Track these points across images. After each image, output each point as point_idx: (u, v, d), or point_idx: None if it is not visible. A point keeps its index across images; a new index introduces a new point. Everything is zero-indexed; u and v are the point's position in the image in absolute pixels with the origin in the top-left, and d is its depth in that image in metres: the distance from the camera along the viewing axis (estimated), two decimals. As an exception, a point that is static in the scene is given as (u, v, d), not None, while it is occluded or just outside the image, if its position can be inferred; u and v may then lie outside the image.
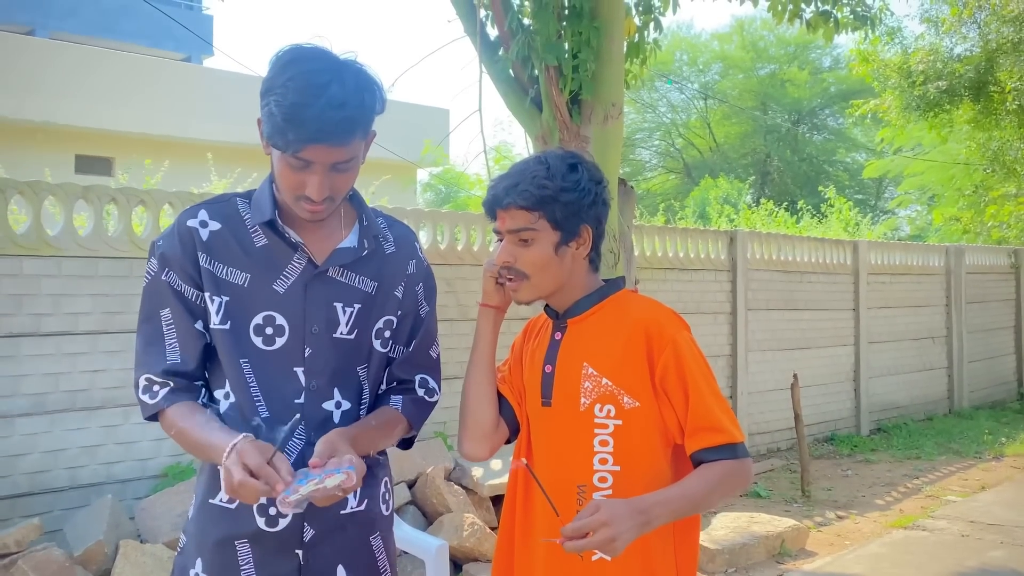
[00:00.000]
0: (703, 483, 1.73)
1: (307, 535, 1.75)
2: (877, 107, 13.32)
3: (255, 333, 1.75)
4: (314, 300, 1.77)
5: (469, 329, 6.55)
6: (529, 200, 1.82)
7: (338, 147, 1.66)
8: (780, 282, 9.14)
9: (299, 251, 1.77)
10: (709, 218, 15.74)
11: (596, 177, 1.88)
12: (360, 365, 1.82)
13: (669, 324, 1.82)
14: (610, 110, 5.33)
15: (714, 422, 1.75)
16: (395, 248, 1.88)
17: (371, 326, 1.82)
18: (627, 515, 1.60)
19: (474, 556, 4.88)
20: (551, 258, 1.84)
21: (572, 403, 1.83)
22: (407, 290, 1.89)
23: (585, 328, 1.88)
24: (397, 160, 10.31)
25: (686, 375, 1.77)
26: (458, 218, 6.68)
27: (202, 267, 1.76)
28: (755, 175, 26.48)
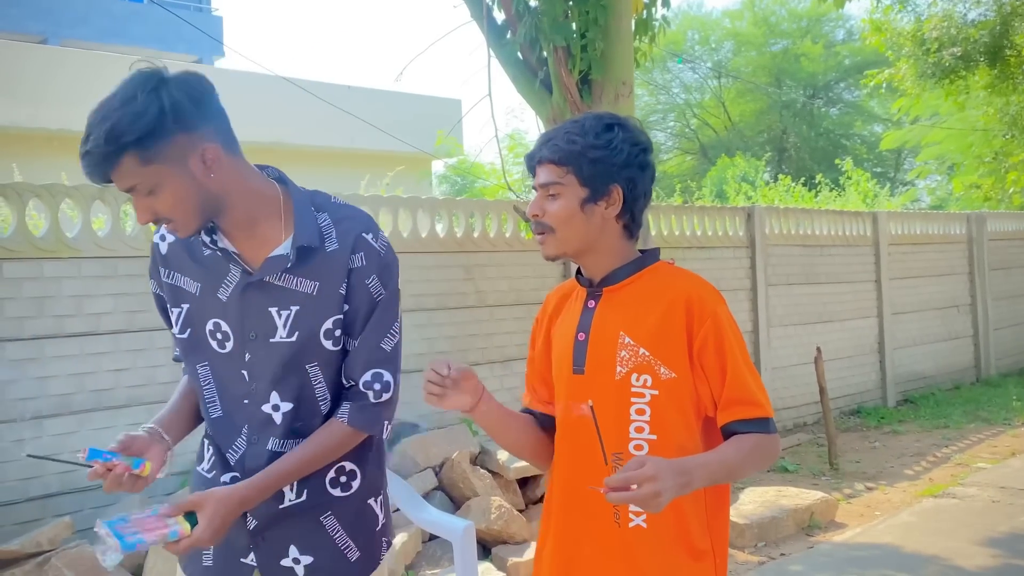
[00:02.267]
0: (738, 452, 1.74)
1: (251, 524, 1.84)
2: (892, 76, 13.18)
3: (211, 337, 1.86)
4: (250, 307, 1.82)
5: (487, 315, 6.56)
6: (557, 154, 1.83)
7: (104, 178, 1.68)
8: (800, 256, 9.08)
9: (233, 260, 1.83)
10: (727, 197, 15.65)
11: (634, 140, 1.85)
12: (309, 363, 1.83)
13: (709, 297, 1.82)
14: (620, 88, 5.31)
15: (749, 396, 1.77)
16: (338, 244, 1.83)
17: (317, 327, 1.82)
18: (671, 473, 1.60)
19: (502, 539, 4.89)
20: (576, 213, 1.83)
21: (607, 372, 1.83)
22: (355, 285, 1.83)
23: (621, 297, 1.87)
24: (411, 152, 10.33)
25: (725, 348, 1.78)
26: (473, 206, 6.68)
27: (163, 281, 1.91)
28: (772, 152, 26.27)
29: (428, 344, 6.20)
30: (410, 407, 6.09)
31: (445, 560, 4.67)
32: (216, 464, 1.89)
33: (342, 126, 11.87)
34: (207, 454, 1.92)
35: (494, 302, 6.61)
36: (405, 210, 6.21)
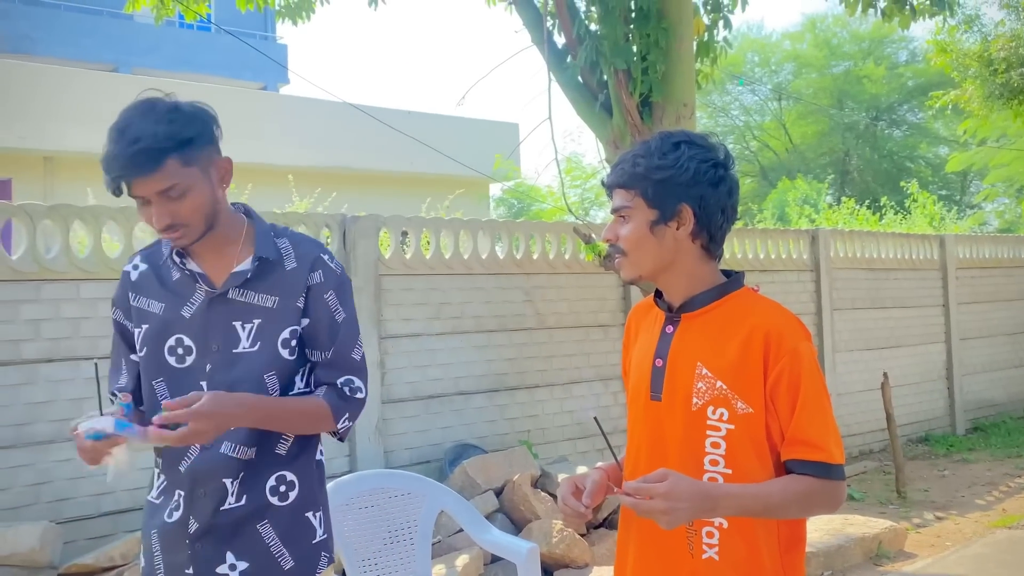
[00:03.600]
0: (782, 491, 1.70)
1: (191, 527, 1.97)
2: (958, 98, 12.91)
3: (168, 353, 1.99)
4: (214, 321, 1.98)
5: (546, 337, 6.56)
6: (623, 177, 1.83)
7: (149, 177, 1.84)
8: (865, 280, 8.93)
9: (198, 280, 2.00)
10: (789, 220, 15.47)
11: (704, 156, 1.80)
12: (267, 372, 1.99)
13: (791, 333, 1.76)
14: (682, 110, 5.30)
15: (815, 438, 1.71)
16: (296, 264, 2.03)
17: (275, 337, 2.00)
18: (690, 495, 1.60)
19: (564, 563, 4.87)
20: (646, 236, 1.81)
21: (684, 402, 1.79)
22: (313, 298, 2.02)
23: (699, 325, 1.83)
24: (469, 175, 10.42)
25: (799, 387, 1.72)
26: (532, 228, 6.71)
27: (131, 305, 2.05)
28: (834, 174, 25.92)
29: (488, 366, 6.22)
30: (470, 429, 6.12)
31: (506, 582, 4.66)
32: (165, 490, 2.02)
33: (402, 150, 12.02)
34: (156, 482, 2.05)
35: (553, 324, 6.62)
36: (465, 232, 6.27)
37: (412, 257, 5.95)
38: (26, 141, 13.40)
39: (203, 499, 1.95)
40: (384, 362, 5.76)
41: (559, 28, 5.80)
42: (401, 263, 5.88)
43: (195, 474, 1.96)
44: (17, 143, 13.34)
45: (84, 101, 13.94)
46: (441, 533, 4.85)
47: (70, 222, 4.73)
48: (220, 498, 1.96)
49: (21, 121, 13.27)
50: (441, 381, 6.02)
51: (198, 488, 1.96)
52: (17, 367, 4.54)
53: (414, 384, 5.87)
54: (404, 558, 3.46)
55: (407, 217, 6.08)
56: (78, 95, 13.92)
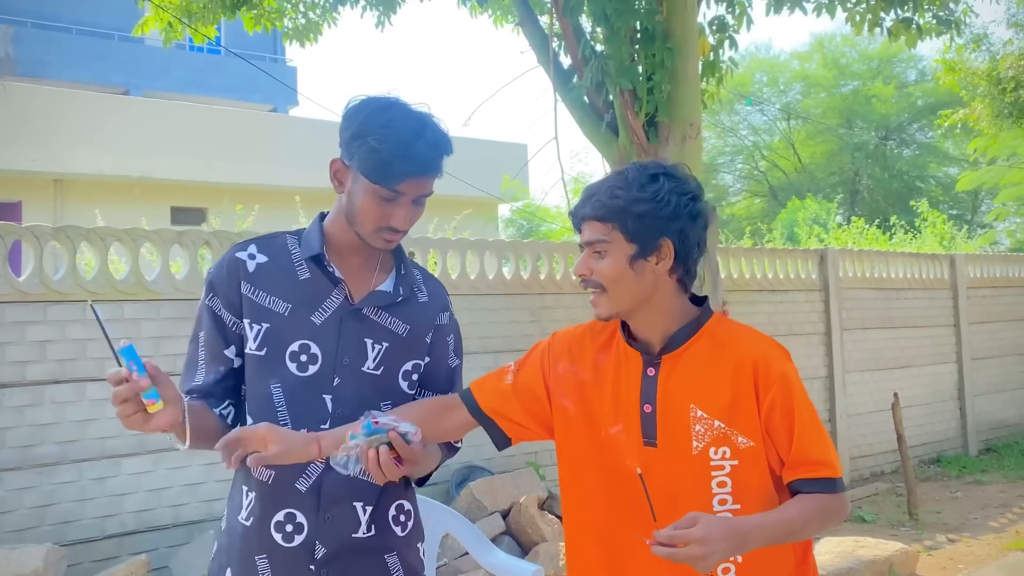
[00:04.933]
0: (801, 512, 1.70)
1: (318, 553, 1.85)
2: (967, 116, 12.91)
3: (290, 359, 1.87)
4: (347, 334, 1.89)
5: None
6: (600, 211, 1.76)
7: (430, 180, 1.86)
8: (875, 300, 8.87)
9: (339, 287, 1.91)
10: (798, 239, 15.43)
11: (683, 189, 1.77)
12: (384, 401, 1.92)
13: (775, 357, 1.76)
14: (688, 130, 5.30)
15: (817, 456, 1.73)
16: (428, 299, 2.01)
17: (399, 366, 1.94)
18: (723, 536, 1.56)
19: (570, 586, 4.82)
20: (625, 271, 1.76)
21: (683, 446, 1.75)
22: (437, 338, 2.02)
23: (684, 365, 1.79)
24: (477, 196, 10.43)
25: (793, 411, 1.73)
26: (539, 248, 6.70)
27: (244, 295, 1.89)
28: (844, 194, 25.89)
29: (495, 387, 6.19)
30: (477, 451, 6.08)
31: (512, 606, 4.61)
32: (265, 511, 1.85)
33: (411, 171, 12.05)
34: (245, 501, 1.89)
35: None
36: (472, 252, 6.26)
37: (418, 278, 5.94)
38: (37, 164, 13.50)
39: (330, 523, 1.84)
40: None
41: (565, 48, 5.81)
42: (407, 284, 5.86)
43: (322, 496, 1.84)
44: (28, 166, 13.44)
45: (95, 124, 14.05)
46: (447, 556, 4.82)
47: (77, 243, 4.74)
48: (352, 523, 1.86)
49: (32, 144, 13.37)
50: (448, 402, 5.98)
51: (325, 511, 1.84)
52: (23, 388, 4.54)
53: (420, 405, 5.84)
54: (408, 581, 3.42)
55: (414, 238, 6.08)
56: (89, 118, 14.03)
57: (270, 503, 1.85)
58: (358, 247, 1.94)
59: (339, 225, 1.93)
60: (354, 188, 1.86)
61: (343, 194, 1.89)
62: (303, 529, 1.83)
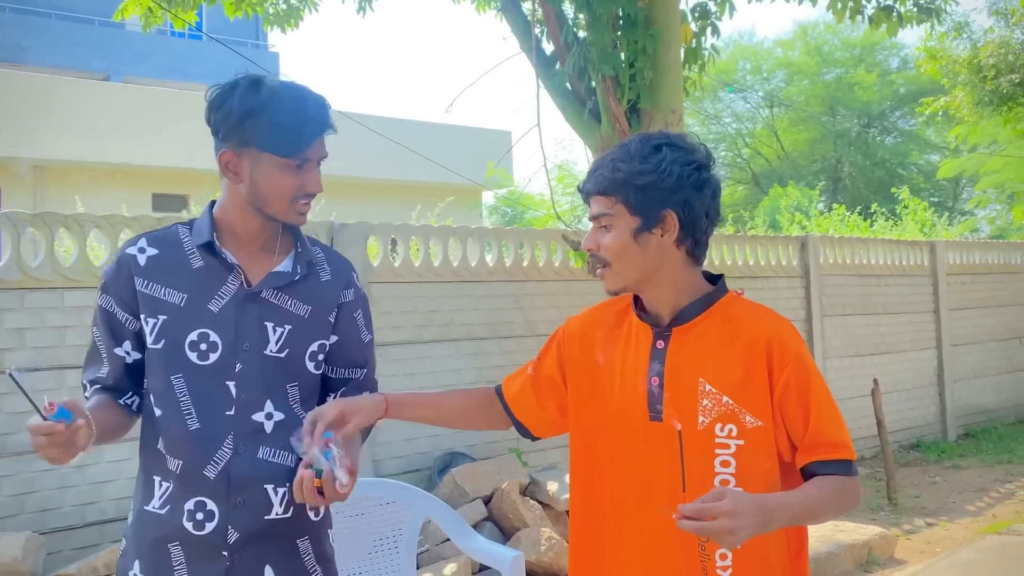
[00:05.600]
0: (820, 494, 1.66)
1: (231, 538, 1.85)
2: (948, 104, 12.98)
3: (190, 349, 1.86)
4: (245, 319, 1.88)
5: (537, 344, 6.49)
6: (602, 184, 1.76)
7: (324, 139, 1.90)
8: (855, 286, 8.93)
9: (234, 272, 1.90)
10: (780, 227, 15.47)
11: (687, 159, 1.73)
12: (290, 383, 1.92)
13: (790, 338, 1.74)
14: (670, 116, 5.30)
15: (835, 438, 1.70)
16: (331, 277, 2.00)
17: (304, 347, 1.93)
18: (751, 511, 1.53)
19: (553, 571, 4.85)
20: (630, 244, 1.74)
21: (688, 421, 1.71)
22: (343, 316, 2.00)
23: (694, 338, 1.76)
24: (461, 183, 10.41)
25: (809, 392, 1.70)
26: (522, 235, 6.70)
27: (139, 292, 1.88)
28: (826, 181, 25.97)
29: (478, 373, 6.20)
30: (459, 437, 6.09)
31: (494, 591, 4.64)
32: (175, 498, 1.85)
33: (394, 159, 12.02)
34: (159, 491, 1.87)
35: (544, 331, 6.59)
36: (455, 239, 6.25)
37: (401, 265, 5.94)
38: (16, 150, 13.38)
39: (241, 507, 1.84)
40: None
41: (547, 35, 5.80)
42: (390, 271, 5.86)
43: (231, 481, 1.84)
44: (7, 152, 13.31)
45: (75, 110, 13.92)
46: (429, 542, 4.83)
47: (55, 230, 4.70)
48: (264, 506, 1.86)
49: (11, 130, 13.23)
50: (431, 389, 5.99)
51: (235, 496, 1.84)
52: (1, 376, 4.50)
53: (403, 392, 5.83)
54: (389, 567, 3.43)
55: (396, 224, 6.07)
56: (69, 104, 13.90)
57: (180, 492, 1.85)
58: (256, 231, 1.93)
59: (235, 211, 1.92)
60: (257, 171, 1.85)
61: (240, 184, 1.88)
62: (214, 516, 1.84)
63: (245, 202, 1.89)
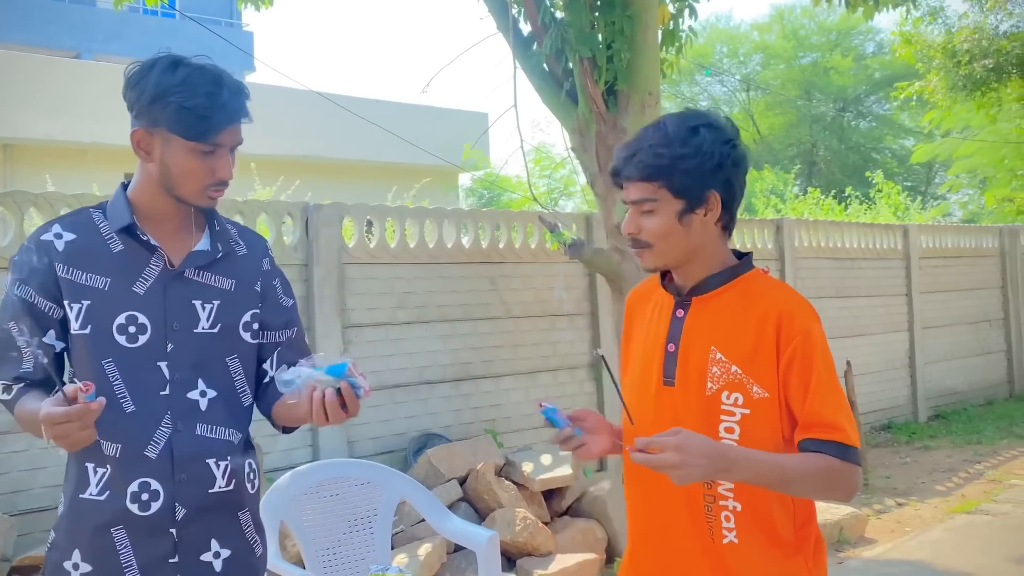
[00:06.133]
0: (800, 465, 1.68)
1: (179, 514, 1.85)
2: (922, 89, 13.05)
3: (118, 332, 1.84)
4: (173, 299, 1.88)
5: (513, 326, 6.55)
6: (645, 171, 1.77)
7: (241, 126, 1.88)
8: (830, 269, 9.00)
9: (156, 254, 1.88)
10: (755, 210, 15.55)
11: (724, 137, 1.77)
12: (229, 356, 1.93)
13: (802, 314, 1.75)
14: (647, 99, 5.29)
15: (830, 419, 1.69)
16: (247, 251, 2.02)
17: (237, 320, 1.95)
18: (703, 452, 1.58)
19: (527, 551, 4.87)
20: (674, 227, 1.78)
21: (698, 386, 1.77)
22: (266, 284, 2.03)
23: (712, 308, 1.81)
24: (437, 165, 10.37)
25: (811, 369, 1.71)
26: (498, 217, 6.69)
27: (60, 277, 1.84)
28: (801, 165, 26.11)
29: (453, 355, 6.20)
30: (435, 418, 6.10)
31: (469, 571, 4.65)
32: (114, 482, 1.82)
33: (370, 139, 11.95)
34: (94, 477, 1.84)
35: (520, 313, 6.60)
36: (431, 221, 6.23)
37: (376, 246, 5.91)
38: (-15, 128, 13.16)
39: (185, 483, 1.84)
40: (348, 352, 5.71)
41: (524, 15, 5.76)
42: (365, 252, 5.84)
43: (174, 458, 1.84)
44: (-24, 130, 13.10)
45: (45, 88, 13.72)
46: (404, 523, 4.83)
47: (25, 209, 4.64)
48: (207, 479, 1.87)
49: (-21, 108, 13.02)
50: (406, 371, 5.99)
51: (179, 473, 1.84)
52: (-30, 357, 4.45)
53: (378, 374, 5.83)
54: (364, 547, 3.44)
55: (371, 205, 6.04)
56: (39, 82, 13.70)
57: (121, 475, 1.82)
58: (170, 212, 1.92)
59: (148, 193, 1.90)
60: (167, 152, 1.84)
61: (151, 163, 1.86)
62: (159, 496, 1.83)
63: (156, 183, 1.88)
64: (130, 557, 1.83)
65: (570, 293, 6.89)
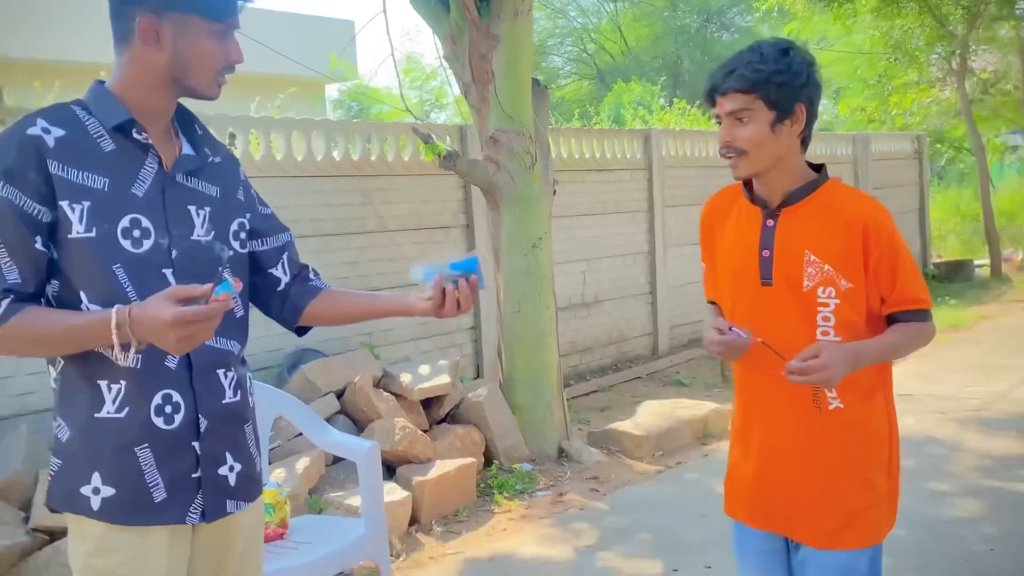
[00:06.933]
0: (902, 336, 2.09)
1: (202, 426, 1.81)
2: (784, 0, 13.36)
3: (123, 236, 1.73)
4: (172, 203, 1.80)
5: (387, 240, 6.48)
6: (745, 83, 2.02)
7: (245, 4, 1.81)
8: (695, 178, 9.25)
9: (151, 154, 1.79)
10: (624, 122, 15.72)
11: (808, 60, 2.07)
12: (221, 266, 1.85)
13: (884, 220, 2.08)
14: (520, 6, 5.23)
15: (916, 295, 2.08)
16: (221, 159, 1.95)
17: (227, 228, 1.90)
18: (842, 359, 1.95)
19: (407, 459, 4.93)
20: (767, 135, 2.04)
21: (795, 285, 2.08)
22: (247, 194, 1.99)
23: (800, 218, 2.10)
24: (302, 74, 10.01)
25: (898, 262, 2.06)
26: (371, 128, 6.55)
27: (53, 175, 1.68)
28: (667, 77, 26.47)
29: (327, 270, 6.02)
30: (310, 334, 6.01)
31: (349, 483, 4.68)
32: (135, 397, 1.73)
33: (230, 47, 11.42)
34: (109, 395, 1.73)
35: (395, 227, 6.54)
36: (299, 132, 6.05)
37: (240, 159, 5.68)
38: None
39: (205, 395, 1.80)
40: (217, 268, 5.54)
41: (391, -83, 5.57)
42: (230, 165, 5.62)
43: (193, 368, 1.78)
44: None
45: None
46: (280, 438, 4.81)
47: None
48: (219, 390, 1.83)
49: None
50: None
51: (197, 384, 1.78)
52: None
53: (249, 290, 5.69)
54: (243, 463, 3.41)
55: (233, 116, 5.80)
56: None
57: (141, 389, 1.74)
58: (164, 110, 1.82)
59: (145, 87, 1.78)
60: (182, 36, 1.74)
61: (159, 52, 1.74)
62: (180, 408, 1.77)
63: (165, 75, 1.76)
64: (155, 476, 1.76)
65: (445, 205, 6.86)
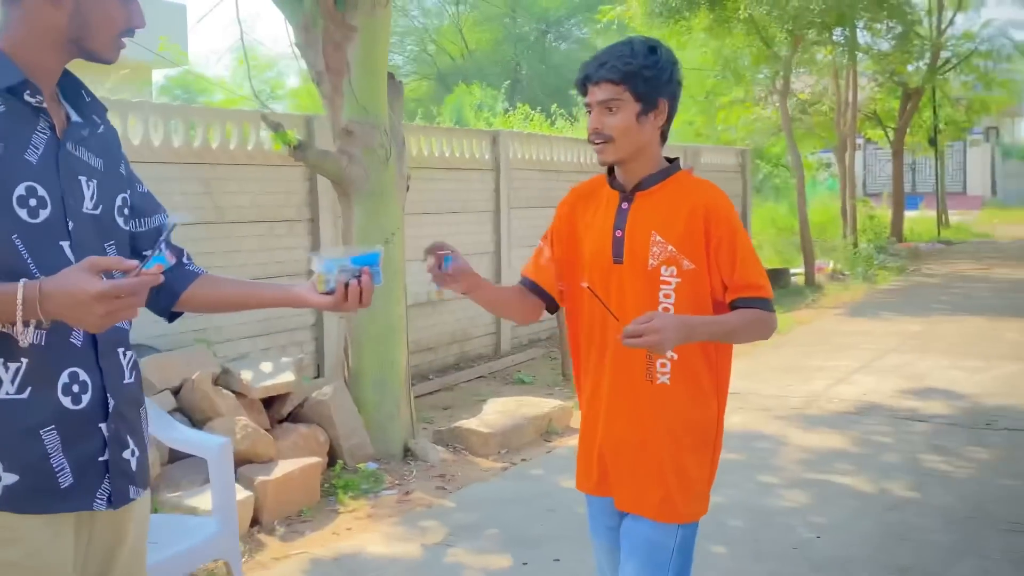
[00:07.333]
0: (739, 319, 2.20)
1: (111, 406, 1.72)
2: (623, 14, 13.82)
3: (19, 205, 1.60)
4: (65, 172, 1.68)
5: (227, 232, 6.25)
6: (616, 74, 2.17)
7: None
8: (539, 180, 9.41)
9: (42, 119, 1.67)
10: (467, 123, 15.85)
11: (672, 59, 2.24)
12: (107, 242, 1.76)
13: (724, 205, 2.25)
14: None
15: (755, 281, 2.21)
16: (104, 128, 1.84)
17: (112, 203, 1.79)
18: (674, 327, 2.05)
19: (249, 458, 4.76)
20: (633, 124, 2.19)
21: (641, 263, 2.22)
22: (127, 169, 1.89)
23: (651, 202, 2.26)
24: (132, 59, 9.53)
25: (736, 246, 2.20)
26: (213, 114, 6.30)
27: None
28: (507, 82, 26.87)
29: (163, 261, 5.81)
30: (142, 329, 5.71)
31: (185, 482, 4.48)
32: (37, 376, 1.62)
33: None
34: (7, 375, 1.60)
35: (235, 218, 6.31)
36: (134, 116, 5.73)
37: (73, 140, 5.35)
38: None
39: (108, 374, 1.70)
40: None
41: None
42: (60, 146, 5.27)
43: (98, 345, 1.68)
44: None
45: None
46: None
47: None
48: (120, 371, 1.74)
49: None
50: (109, 277, 5.54)
51: (102, 361, 1.69)
52: None
53: (78, 280, 5.34)
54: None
55: (66, 94, 5.44)
56: None
57: (45, 367, 1.63)
58: (54, 72, 1.71)
59: (38, 47, 1.67)
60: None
61: (59, 11, 1.65)
62: (88, 387, 1.68)
63: (63, 35, 1.67)
64: (61, 460, 1.64)
65: (289, 198, 6.68)
